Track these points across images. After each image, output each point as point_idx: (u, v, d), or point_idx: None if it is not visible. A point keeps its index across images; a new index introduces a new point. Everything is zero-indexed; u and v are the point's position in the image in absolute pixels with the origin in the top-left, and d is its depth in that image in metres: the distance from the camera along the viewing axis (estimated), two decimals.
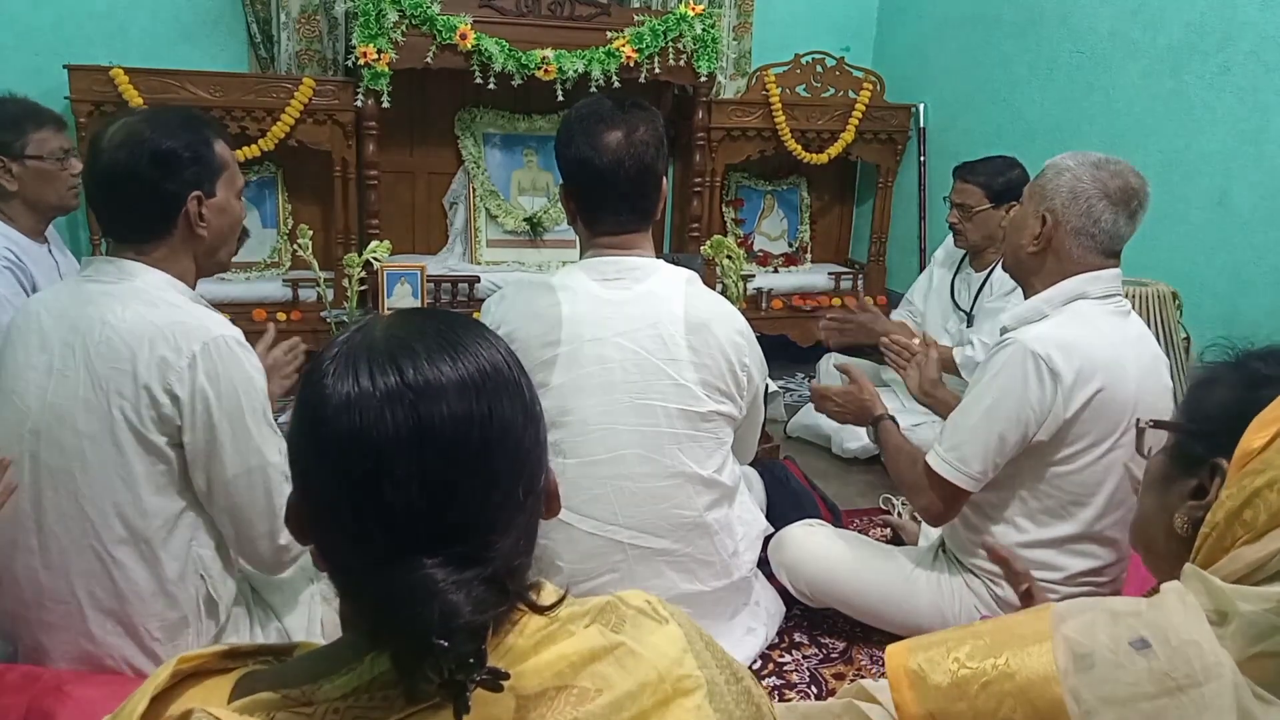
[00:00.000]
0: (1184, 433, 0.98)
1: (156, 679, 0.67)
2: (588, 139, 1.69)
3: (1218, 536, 0.85)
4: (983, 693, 0.80)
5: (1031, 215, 1.77)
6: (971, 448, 1.74)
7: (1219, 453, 0.89)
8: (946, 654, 0.84)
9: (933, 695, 0.82)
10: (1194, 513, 0.92)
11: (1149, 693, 0.74)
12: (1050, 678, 0.77)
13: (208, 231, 1.51)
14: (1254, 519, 0.81)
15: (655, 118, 1.75)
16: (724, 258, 3.37)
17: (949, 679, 0.82)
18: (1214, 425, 0.93)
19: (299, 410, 0.69)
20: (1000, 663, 0.81)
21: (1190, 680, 0.74)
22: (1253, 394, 0.89)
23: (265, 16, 3.53)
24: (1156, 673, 0.75)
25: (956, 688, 0.81)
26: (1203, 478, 0.93)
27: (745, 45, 4.11)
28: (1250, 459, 0.83)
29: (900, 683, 0.85)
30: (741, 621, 1.95)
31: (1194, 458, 0.94)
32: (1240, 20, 2.64)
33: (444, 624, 0.59)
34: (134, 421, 1.40)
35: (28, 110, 2.28)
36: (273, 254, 3.64)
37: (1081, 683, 0.76)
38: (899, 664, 0.86)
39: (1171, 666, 0.75)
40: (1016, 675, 0.79)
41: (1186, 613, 0.78)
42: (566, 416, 1.69)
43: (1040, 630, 0.81)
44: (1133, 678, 0.75)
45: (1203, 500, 0.91)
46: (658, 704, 0.70)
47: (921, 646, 0.87)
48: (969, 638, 0.85)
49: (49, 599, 1.45)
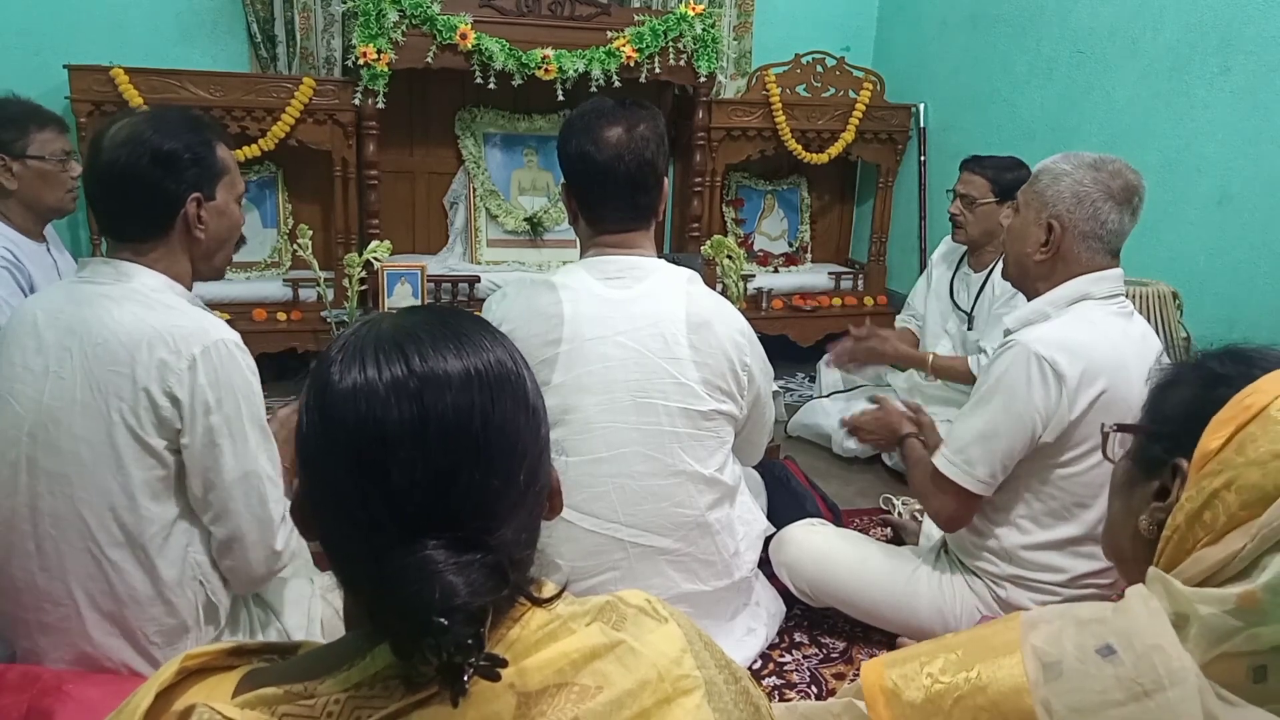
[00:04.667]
0: (1145, 434, 0.98)
1: (162, 675, 0.68)
2: (588, 134, 1.69)
3: (1179, 539, 0.84)
4: (956, 708, 0.80)
5: (1034, 223, 1.75)
6: (977, 450, 1.74)
7: (1180, 453, 0.89)
8: (920, 669, 0.84)
9: (908, 712, 0.82)
10: (1157, 515, 0.91)
11: (1117, 699, 0.74)
12: (1021, 689, 0.77)
13: (205, 234, 1.51)
14: (1213, 520, 0.81)
15: (656, 116, 1.75)
16: (724, 258, 3.38)
17: (923, 695, 0.82)
18: (1174, 426, 0.92)
19: (307, 400, 0.70)
20: (972, 676, 0.80)
21: (1156, 685, 0.74)
22: (1210, 393, 0.87)
23: (265, 16, 3.53)
24: (1123, 679, 0.75)
25: (930, 703, 0.81)
26: (1165, 479, 0.91)
27: (745, 45, 4.11)
28: (1209, 460, 0.83)
29: (876, 700, 0.84)
30: (742, 622, 1.95)
31: (1156, 459, 0.93)
32: (1240, 20, 2.64)
33: (443, 603, 0.60)
34: (132, 424, 1.40)
35: (30, 111, 2.28)
36: (273, 254, 3.64)
37: (1051, 693, 0.76)
38: (874, 681, 0.86)
39: (1138, 672, 0.75)
40: (988, 688, 0.79)
41: (1150, 617, 0.78)
42: (568, 415, 1.69)
43: (1010, 640, 0.81)
44: (1101, 685, 0.75)
45: (1165, 502, 0.90)
46: (658, 703, 0.70)
47: (896, 662, 0.87)
48: (941, 651, 0.85)
49: (47, 601, 1.44)
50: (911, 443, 1.99)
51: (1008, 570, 1.81)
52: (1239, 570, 0.78)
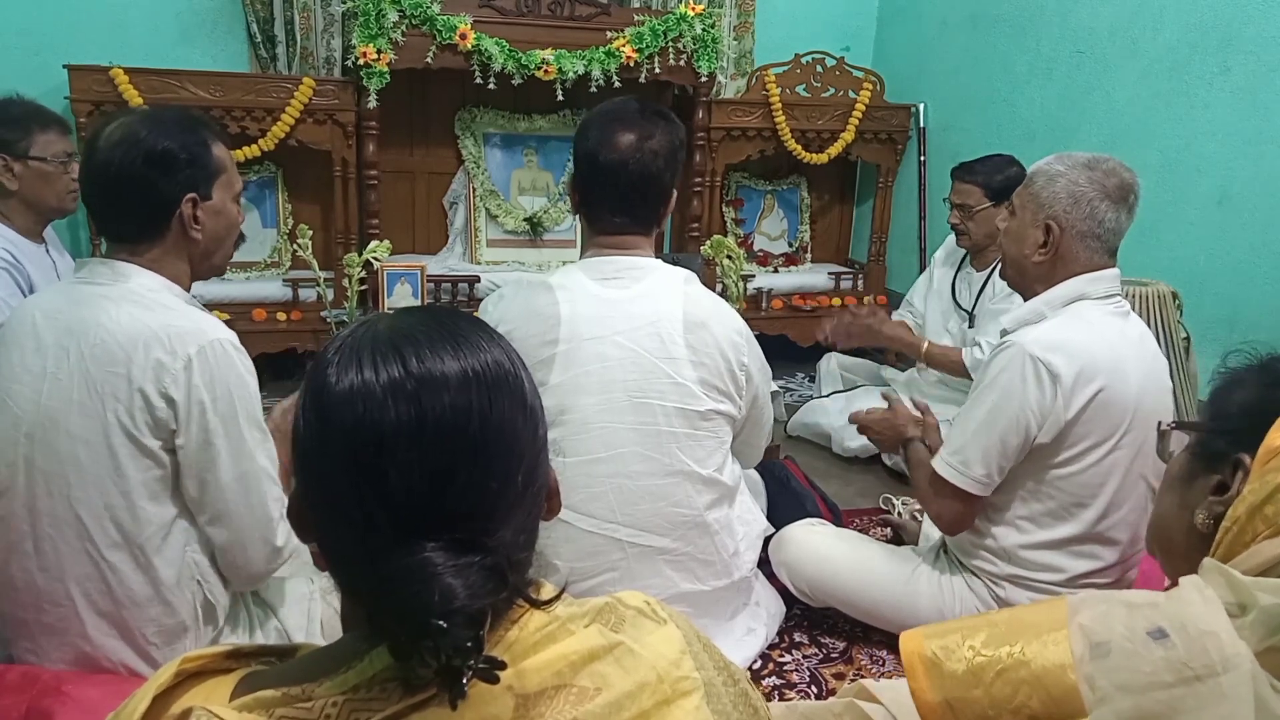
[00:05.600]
0: (1207, 431, 1.00)
1: (159, 678, 0.68)
2: (600, 134, 1.70)
3: (1239, 531, 0.85)
4: (998, 680, 0.80)
5: (1031, 225, 1.76)
6: (974, 451, 1.74)
7: (1242, 449, 0.90)
8: (962, 641, 0.84)
9: (949, 682, 0.82)
10: (1215, 508, 0.92)
11: (1166, 681, 0.74)
12: (1065, 665, 0.77)
13: (202, 234, 1.50)
14: (1275, 514, 0.82)
15: (674, 128, 1.74)
16: (724, 258, 3.37)
17: (964, 666, 0.82)
18: (1237, 422, 0.94)
19: (304, 402, 0.70)
20: (1015, 650, 0.80)
21: (1208, 670, 0.74)
22: (1274, 392, 0.91)
23: (265, 16, 3.53)
24: (1174, 662, 0.75)
25: (972, 675, 0.81)
26: (1225, 474, 0.94)
27: (745, 45, 4.11)
28: (1274, 455, 0.84)
29: (915, 669, 0.84)
30: (742, 622, 1.95)
31: (1217, 454, 0.95)
32: (1240, 20, 2.64)
33: (442, 606, 0.60)
34: (128, 425, 1.39)
35: (34, 112, 2.28)
36: (273, 254, 3.64)
37: (1097, 670, 0.76)
38: (914, 649, 0.85)
39: (1189, 656, 0.75)
40: (1032, 663, 0.79)
41: (1205, 605, 0.78)
42: (565, 415, 1.69)
43: (1056, 619, 0.81)
44: (1150, 666, 0.75)
45: (1224, 495, 0.92)
46: (657, 704, 0.70)
47: (936, 634, 0.86)
48: (984, 625, 0.85)
49: (46, 602, 1.44)
50: (916, 446, 1.99)
51: (1006, 570, 1.81)
52: None
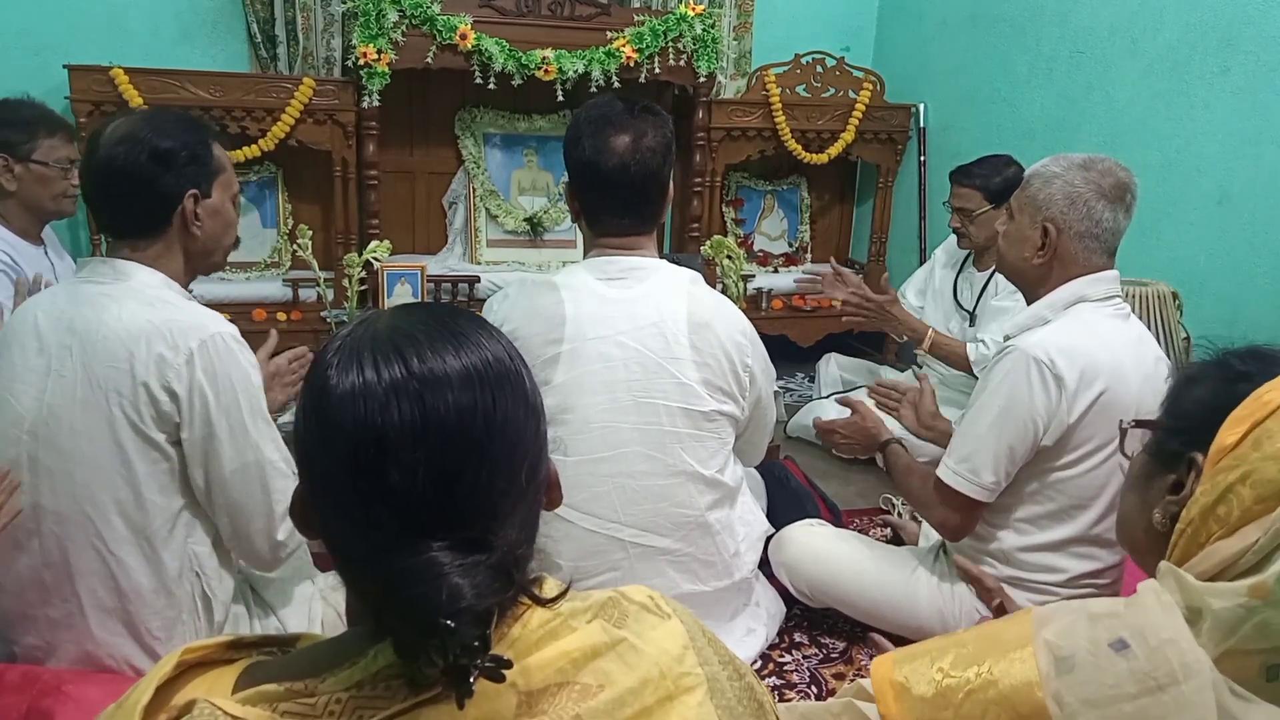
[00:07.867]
0: (1164, 429, 0.99)
1: (161, 669, 0.68)
2: (594, 142, 1.68)
3: (1193, 532, 0.85)
4: (967, 701, 0.80)
5: (1029, 227, 1.75)
6: (981, 458, 1.73)
7: (1197, 448, 0.90)
8: (930, 664, 0.84)
9: (919, 706, 0.82)
10: (1171, 508, 0.92)
11: (1130, 693, 0.75)
12: (1032, 683, 0.78)
13: (201, 231, 1.52)
14: (1227, 514, 0.81)
15: (664, 123, 1.74)
16: (724, 258, 3.37)
17: (933, 689, 0.82)
18: (1192, 421, 0.93)
19: (304, 403, 0.70)
20: (983, 670, 0.81)
21: (1170, 679, 0.74)
22: (1229, 390, 0.89)
23: (265, 16, 3.53)
24: (1137, 673, 0.75)
25: (941, 697, 0.82)
26: (1180, 473, 0.93)
27: (745, 45, 4.11)
28: (1224, 455, 0.83)
29: (886, 695, 0.85)
30: (742, 622, 1.95)
31: (1172, 453, 0.95)
32: (1240, 20, 2.64)
33: (449, 605, 0.59)
34: (134, 419, 1.41)
35: (42, 115, 2.28)
36: (273, 254, 3.64)
37: (1063, 686, 0.76)
38: (884, 676, 0.86)
39: (1151, 666, 0.75)
40: (999, 682, 0.79)
41: (1164, 611, 0.78)
42: (568, 414, 1.69)
43: (1022, 635, 0.82)
44: (1114, 679, 0.75)
45: (1179, 495, 0.92)
46: (660, 700, 0.70)
47: (906, 658, 0.87)
48: (952, 647, 0.85)
49: (53, 597, 1.46)
50: (894, 449, 1.98)
51: (1006, 571, 1.81)
52: (1252, 564, 0.78)
